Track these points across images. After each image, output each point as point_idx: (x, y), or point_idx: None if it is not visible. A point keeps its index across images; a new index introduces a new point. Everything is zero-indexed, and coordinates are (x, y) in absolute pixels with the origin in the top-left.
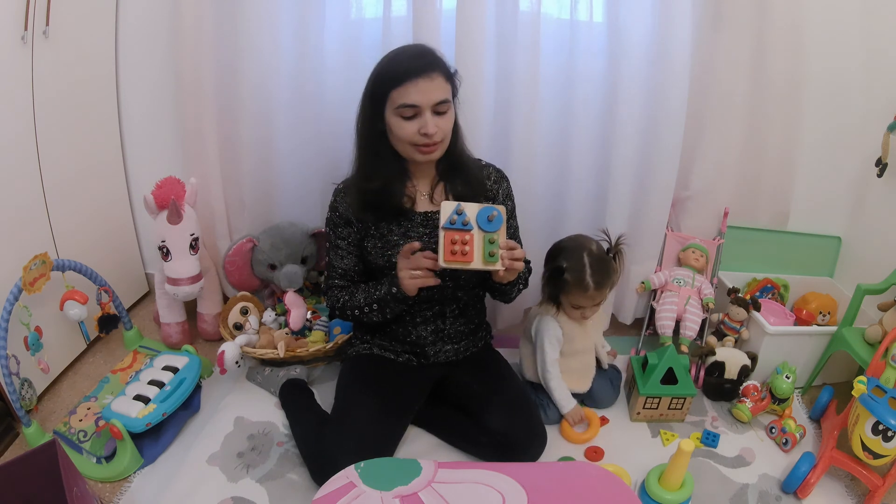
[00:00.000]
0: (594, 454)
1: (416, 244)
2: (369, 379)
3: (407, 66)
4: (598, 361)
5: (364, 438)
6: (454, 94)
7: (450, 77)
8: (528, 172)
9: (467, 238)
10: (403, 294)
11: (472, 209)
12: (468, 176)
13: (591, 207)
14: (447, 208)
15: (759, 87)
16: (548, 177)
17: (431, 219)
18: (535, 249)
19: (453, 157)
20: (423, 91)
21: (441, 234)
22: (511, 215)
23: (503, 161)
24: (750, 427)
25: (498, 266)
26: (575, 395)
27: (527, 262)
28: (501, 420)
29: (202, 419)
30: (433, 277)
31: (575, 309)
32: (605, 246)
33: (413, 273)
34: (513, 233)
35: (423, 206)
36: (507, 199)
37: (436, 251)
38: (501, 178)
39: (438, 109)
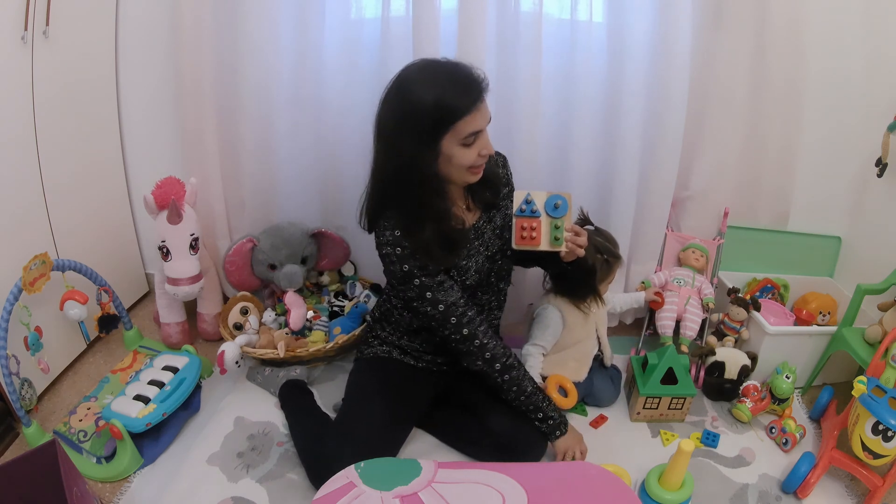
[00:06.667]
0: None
1: None
2: (382, 386)
3: (471, 95)
4: (601, 359)
5: (367, 450)
6: None
7: None
8: (528, 173)
9: (535, 224)
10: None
11: (540, 197)
12: (486, 174)
13: (591, 207)
14: (518, 197)
15: (759, 86)
16: (548, 178)
17: (479, 228)
18: None
19: None
20: (484, 115)
21: (514, 220)
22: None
23: None
24: (750, 427)
25: (561, 248)
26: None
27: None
28: (505, 423)
29: (202, 419)
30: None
31: (610, 283)
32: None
33: None
34: None
35: (467, 220)
36: (511, 178)
37: (481, 255)
38: (505, 160)
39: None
